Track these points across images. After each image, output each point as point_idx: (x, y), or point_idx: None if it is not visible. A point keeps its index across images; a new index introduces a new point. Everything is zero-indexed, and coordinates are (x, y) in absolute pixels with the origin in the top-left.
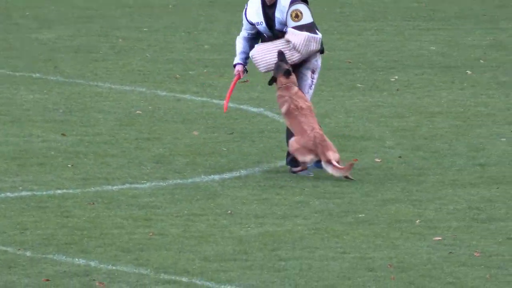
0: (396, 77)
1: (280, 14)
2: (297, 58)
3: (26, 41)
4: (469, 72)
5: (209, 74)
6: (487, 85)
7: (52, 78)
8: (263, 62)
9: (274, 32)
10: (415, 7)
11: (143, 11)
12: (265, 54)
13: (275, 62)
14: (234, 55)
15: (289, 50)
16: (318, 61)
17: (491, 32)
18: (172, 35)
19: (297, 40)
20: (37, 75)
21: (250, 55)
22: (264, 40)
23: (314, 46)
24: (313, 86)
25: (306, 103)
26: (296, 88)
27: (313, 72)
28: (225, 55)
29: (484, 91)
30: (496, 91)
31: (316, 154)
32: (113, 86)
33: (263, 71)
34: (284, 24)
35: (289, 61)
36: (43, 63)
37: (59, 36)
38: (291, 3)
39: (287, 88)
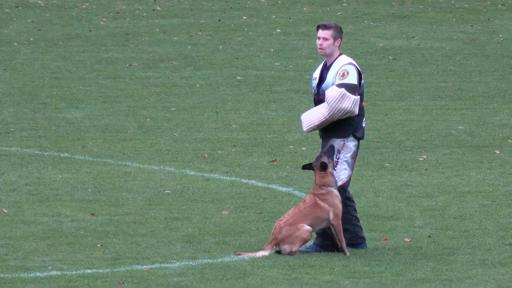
0: (425, 156)
1: (332, 75)
2: (324, 113)
3: (53, 120)
4: (497, 151)
5: (238, 153)
6: None
7: (80, 157)
8: (305, 121)
9: (319, 92)
10: (442, 86)
11: (170, 91)
12: (309, 113)
13: (317, 124)
14: (264, 133)
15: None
16: (347, 143)
17: None
18: (200, 115)
19: (331, 93)
20: (65, 154)
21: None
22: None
23: (347, 105)
24: (337, 168)
25: (312, 198)
26: (325, 190)
27: (338, 151)
28: (253, 134)
29: None
30: None
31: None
32: (141, 166)
33: (304, 130)
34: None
35: (316, 119)
36: (71, 143)
37: (86, 116)
38: (345, 64)
39: (318, 188)
